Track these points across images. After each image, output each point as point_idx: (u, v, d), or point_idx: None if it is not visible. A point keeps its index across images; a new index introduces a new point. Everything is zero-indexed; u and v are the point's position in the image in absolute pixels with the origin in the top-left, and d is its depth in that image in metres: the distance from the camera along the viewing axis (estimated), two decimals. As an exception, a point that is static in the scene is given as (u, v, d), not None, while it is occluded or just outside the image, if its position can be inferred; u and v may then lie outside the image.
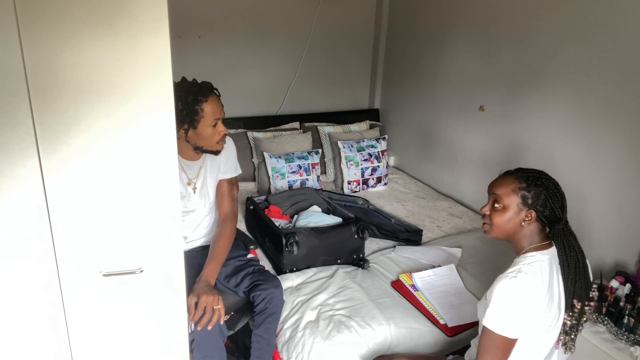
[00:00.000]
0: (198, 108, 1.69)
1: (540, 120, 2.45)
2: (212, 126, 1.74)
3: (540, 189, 1.38)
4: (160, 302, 1.38)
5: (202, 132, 1.74)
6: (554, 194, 1.39)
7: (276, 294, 1.79)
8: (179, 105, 1.66)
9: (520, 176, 1.42)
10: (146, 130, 1.21)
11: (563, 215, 1.40)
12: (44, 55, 1.07)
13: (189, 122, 1.70)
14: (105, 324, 1.35)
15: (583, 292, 1.40)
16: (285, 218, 2.48)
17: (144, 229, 1.29)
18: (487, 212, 1.46)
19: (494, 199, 1.44)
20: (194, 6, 3.05)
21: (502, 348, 1.35)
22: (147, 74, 1.16)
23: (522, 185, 1.40)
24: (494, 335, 1.34)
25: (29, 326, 1.28)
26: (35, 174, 1.15)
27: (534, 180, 1.39)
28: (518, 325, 1.33)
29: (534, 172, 1.43)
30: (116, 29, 1.11)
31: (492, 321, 1.34)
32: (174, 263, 1.36)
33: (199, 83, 1.75)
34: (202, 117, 1.71)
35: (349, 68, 3.74)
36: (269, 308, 1.77)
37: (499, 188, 1.43)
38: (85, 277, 1.27)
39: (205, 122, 1.72)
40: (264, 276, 1.84)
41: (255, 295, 1.77)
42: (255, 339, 1.77)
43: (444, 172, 3.24)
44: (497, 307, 1.33)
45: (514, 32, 2.55)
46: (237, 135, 3.22)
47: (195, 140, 1.76)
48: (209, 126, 1.73)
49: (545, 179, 1.41)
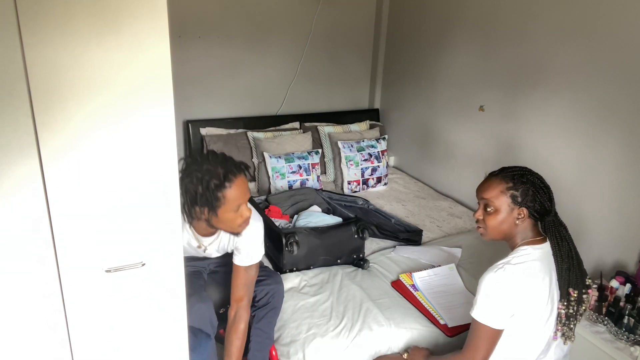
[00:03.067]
0: (220, 195, 1.49)
1: (540, 119, 2.45)
2: (234, 211, 1.54)
3: (527, 185, 1.41)
4: (161, 294, 1.40)
5: (222, 217, 1.54)
6: (540, 188, 1.42)
7: (278, 289, 1.83)
8: (199, 188, 1.48)
9: (506, 176, 1.44)
10: (146, 128, 1.22)
11: (552, 207, 1.43)
12: (45, 55, 1.07)
13: (208, 208, 1.52)
14: (106, 317, 1.35)
15: (579, 280, 1.42)
16: (285, 218, 2.48)
17: (144, 224, 1.30)
18: (480, 217, 1.49)
19: (485, 203, 1.46)
20: (194, 6, 3.05)
21: (488, 339, 1.38)
22: (147, 73, 1.17)
23: (509, 185, 1.42)
24: (479, 325, 1.38)
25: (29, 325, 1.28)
26: (36, 173, 1.15)
27: (519, 177, 1.42)
28: (503, 317, 1.36)
29: (518, 169, 1.45)
30: (116, 28, 1.11)
31: (478, 312, 1.38)
32: (174, 256, 1.37)
33: (226, 162, 1.53)
34: (223, 203, 1.51)
35: (349, 68, 3.74)
36: (271, 302, 1.80)
37: (487, 192, 1.45)
38: (87, 274, 1.28)
39: (227, 208, 1.52)
40: (266, 272, 1.88)
41: (257, 290, 1.80)
42: (255, 332, 1.79)
43: (444, 172, 3.24)
44: (483, 298, 1.37)
45: (514, 31, 2.55)
46: (237, 135, 3.22)
47: (214, 222, 1.57)
48: (231, 211, 1.53)
49: (530, 175, 1.43)
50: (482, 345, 1.38)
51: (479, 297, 1.38)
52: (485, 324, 1.36)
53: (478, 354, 1.39)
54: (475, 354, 1.40)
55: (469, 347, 1.41)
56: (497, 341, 1.40)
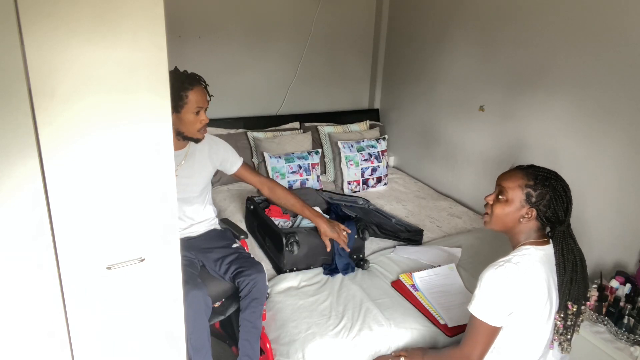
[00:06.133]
0: (183, 94, 1.79)
1: (540, 120, 2.45)
2: (194, 113, 1.83)
3: (547, 189, 1.38)
4: (160, 288, 1.42)
5: (184, 117, 1.82)
6: (560, 196, 1.38)
7: (259, 279, 1.87)
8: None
9: (530, 173, 1.41)
10: (144, 126, 1.23)
11: (566, 218, 1.40)
12: (45, 55, 1.07)
13: (173, 107, 1.73)
14: (106, 312, 1.37)
15: (580, 294, 1.40)
16: (285, 217, 2.48)
17: (143, 220, 1.32)
18: (490, 201, 1.47)
19: (500, 190, 1.44)
20: (194, 6, 3.05)
21: (485, 335, 1.38)
22: (145, 72, 1.18)
23: (529, 183, 1.39)
24: (477, 321, 1.38)
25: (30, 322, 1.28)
26: (36, 173, 1.15)
27: (542, 179, 1.39)
28: (501, 314, 1.36)
29: (546, 171, 1.42)
30: (116, 28, 1.12)
31: (476, 308, 1.38)
32: (172, 250, 1.40)
33: (189, 73, 1.85)
34: (185, 103, 1.80)
35: (349, 68, 3.74)
36: (253, 292, 1.84)
37: (506, 181, 1.44)
38: (87, 270, 1.29)
39: (188, 109, 1.81)
40: (248, 262, 1.93)
41: (239, 281, 1.86)
42: (241, 322, 1.85)
43: (444, 172, 3.24)
44: (482, 295, 1.37)
45: (514, 32, 2.55)
46: (237, 135, 3.22)
47: (177, 125, 1.83)
48: (191, 113, 1.82)
49: (554, 180, 1.39)
50: (479, 341, 1.38)
51: (477, 293, 1.38)
52: (482, 320, 1.36)
53: (475, 350, 1.39)
54: (472, 350, 1.40)
55: (467, 342, 1.41)
56: (494, 338, 1.39)
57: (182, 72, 1.83)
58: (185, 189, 1.97)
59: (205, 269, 1.97)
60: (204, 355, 1.77)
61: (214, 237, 2.09)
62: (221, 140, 2.13)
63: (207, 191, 2.12)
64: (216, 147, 2.07)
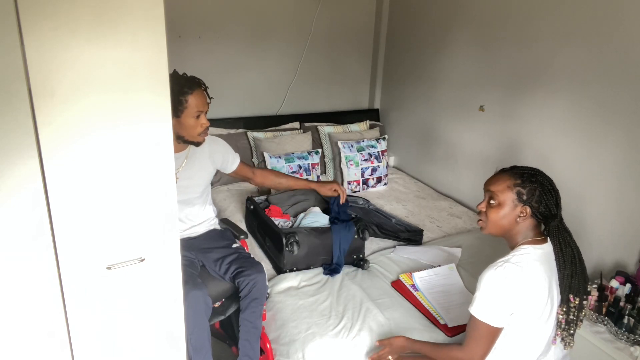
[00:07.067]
0: (182, 99, 1.78)
1: (540, 119, 2.45)
2: (195, 117, 1.82)
3: (535, 185, 1.40)
4: (160, 289, 1.43)
5: (184, 122, 1.82)
6: (549, 190, 1.41)
7: (259, 279, 1.86)
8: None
9: (516, 173, 1.44)
10: (144, 126, 1.23)
11: (558, 212, 1.42)
12: (45, 55, 1.07)
13: (173, 111, 1.74)
14: (106, 312, 1.37)
15: (581, 287, 1.42)
16: (285, 217, 2.48)
17: (143, 220, 1.32)
18: (482, 209, 1.49)
19: (490, 195, 1.46)
20: (194, 6, 3.05)
21: (487, 336, 1.39)
22: (144, 71, 1.18)
23: (517, 182, 1.42)
24: (479, 323, 1.38)
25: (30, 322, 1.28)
26: (36, 173, 1.15)
27: (528, 177, 1.42)
28: (502, 314, 1.36)
29: (529, 169, 1.45)
30: (115, 28, 1.12)
31: (477, 309, 1.38)
32: (172, 250, 1.40)
33: (188, 77, 1.84)
34: (185, 107, 1.79)
35: (349, 68, 3.74)
36: (253, 292, 1.84)
37: (494, 185, 1.46)
38: (88, 270, 1.29)
39: (188, 113, 1.81)
40: (248, 262, 1.93)
41: (239, 281, 1.86)
42: (241, 322, 1.85)
43: (444, 172, 3.24)
44: (483, 296, 1.37)
45: (514, 32, 2.55)
46: (237, 135, 3.22)
47: (177, 129, 1.83)
48: (191, 117, 1.81)
49: (540, 176, 1.43)
50: (481, 343, 1.39)
51: (478, 294, 1.38)
52: (484, 321, 1.37)
53: (477, 351, 1.39)
54: (474, 352, 1.40)
55: (469, 344, 1.41)
56: (496, 338, 1.40)
57: (181, 76, 1.82)
58: (186, 191, 1.97)
59: (205, 269, 1.97)
60: (204, 355, 1.77)
61: (214, 237, 2.09)
62: (219, 139, 2.14)
63: (207, 192, 2.13)
64: (216, 147, 2.08)
